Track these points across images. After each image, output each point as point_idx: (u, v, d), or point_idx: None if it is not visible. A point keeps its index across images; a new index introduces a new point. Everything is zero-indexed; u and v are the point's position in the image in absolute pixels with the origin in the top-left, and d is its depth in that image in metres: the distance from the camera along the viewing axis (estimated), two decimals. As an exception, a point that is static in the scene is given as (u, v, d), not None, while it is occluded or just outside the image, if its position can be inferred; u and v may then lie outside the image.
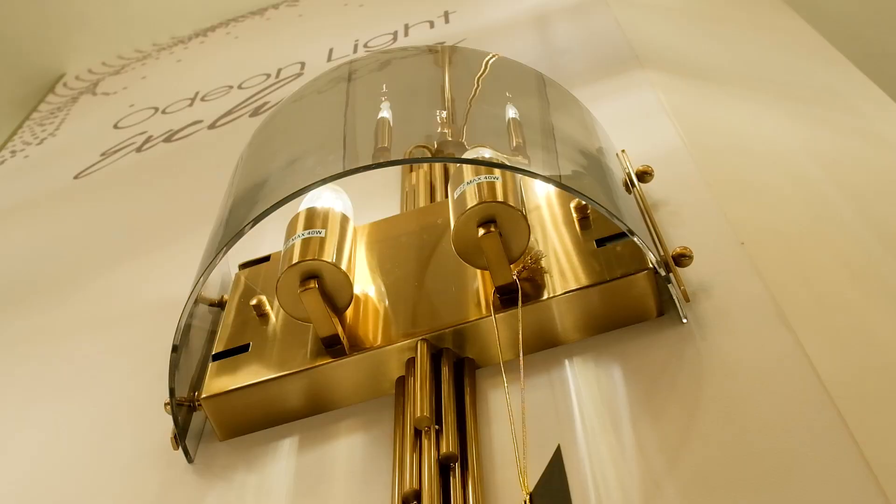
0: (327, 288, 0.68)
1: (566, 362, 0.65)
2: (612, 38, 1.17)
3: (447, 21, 1.46)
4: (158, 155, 1.32)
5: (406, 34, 1.46)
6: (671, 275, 0.64)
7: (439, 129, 0.73)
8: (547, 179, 0.63)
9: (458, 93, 0.80)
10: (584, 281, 0.66)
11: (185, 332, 0.70)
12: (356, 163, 0.69)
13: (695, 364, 0.61)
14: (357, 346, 0.68)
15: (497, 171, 0.70)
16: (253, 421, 0.69)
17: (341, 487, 0.62)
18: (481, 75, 0.86)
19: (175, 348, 0.67)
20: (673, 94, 0.99)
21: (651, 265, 0.65)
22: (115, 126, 1.51)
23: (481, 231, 0.66)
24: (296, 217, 0.74)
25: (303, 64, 1.48)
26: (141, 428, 0.74)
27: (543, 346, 0.67)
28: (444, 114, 0.76)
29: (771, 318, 0.62)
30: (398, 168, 0.98)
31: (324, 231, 0.71)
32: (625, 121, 0.92)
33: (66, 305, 0.98)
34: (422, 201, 0.87)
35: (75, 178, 1.34)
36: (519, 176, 0.71)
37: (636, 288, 0.65)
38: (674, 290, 0.64)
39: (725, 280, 0.67)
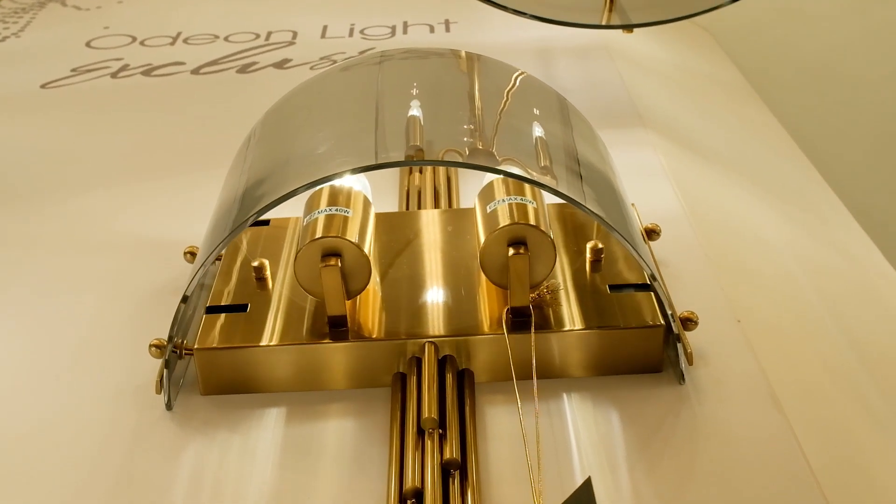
0: (346, 268, 0.68)
1: (564, 396, 0.67)
2: (614, 91, 1.20)
3: (447, 30, 1.47)
4: (136, 86, 1.29)
5: (405, 31, 1.46)
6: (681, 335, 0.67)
7: (468, 137, 0.74)
8: (589, 212, 0.65)
9: (486, 102, 0.81)
10: (596, 322, 0.68)
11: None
12: (387, 156, 0.69)
13: (690, 426, 0.63)
14: (360, 332, 0.68)
15: (529, 194, 0.72)
16: (239, 382, 0.68)
17: (330, 465, 0.62)
18: (510, 89, 0.87)
19: (185, 299, 0.66)
20: (673, 161, 1.02)
21: (663, 322, 0.67)
22: (88, 45, 1.46)
23: (511, 251, 0.67)
24: (318, 192, 0.74)
25: (294, 33, 1.47)
26: (113, 365, 0.72)
27: (541, 374, 0.68)
28: (474, 122, 0.77)
29: (765, 398, 0.65)
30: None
31: (351, 211, 0.71)
32: (626, 175, 0.94)
33: (38, 219, 0.95)
34: (428, 204, 0.88)
35: (42, 87, 1.30)
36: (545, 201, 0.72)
37: (646, 340, 0.68)
38: (681, 350, 0.66)
39: (722, 352, 0.70)
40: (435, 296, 0.73)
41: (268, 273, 0.75)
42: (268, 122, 0.82)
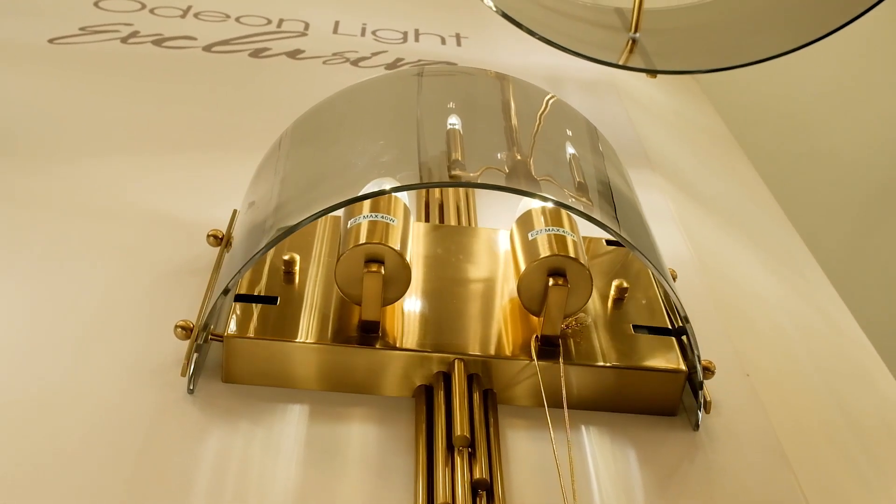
0: (387, 276, 0.68)
1: (582, 428, 0.68)
2: (622, 130, 1.23)
3: (459, 44, 1.48)
4: (147, 55, 1.27)
5: (417, 39, 1.47)
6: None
7: (505, 156, 0.75)
8: (640, 255, 0.66)
9: (521, 123, 0.83)
10: (620, 361, 0.70)
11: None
12: (429, 173, 0.71)
13: (705, 474, 0.65)
14: (388, 340, 0.69)
15: (567, 226, 0.73)
16: (265, 374, 0.68)
17: (355, 470, 0.62)
18: (542, 112, 0.88)
19: (226, 291, 0.66)
20: (679, 206, 1.05)
21: (685, 367, 0.69)
22: (96, 5, 1.44)
23: (552, 281, 0.68)
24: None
25: (307, 24, 1.46)
26: (128, 341, 0.72)
27: (558, 403, 0.69)
28: (513, 144, 0.78)
29: (776, 455, 0.68)
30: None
31: (396, 220, 0.71)
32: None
33: (47, 178, 0.93)
34: (452, 219, 0.89)
35: (50, 41, 1.27)
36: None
37: (666, 384, 0.69)
38: (701, 398, 0.68)
39: (734, 404, 0.72)
40: (461, 312, 0.73)
41: (296, 269, 0.75)
42: (303, 130, 0.82)
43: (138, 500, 0.58)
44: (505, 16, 1.15)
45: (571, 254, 0.70)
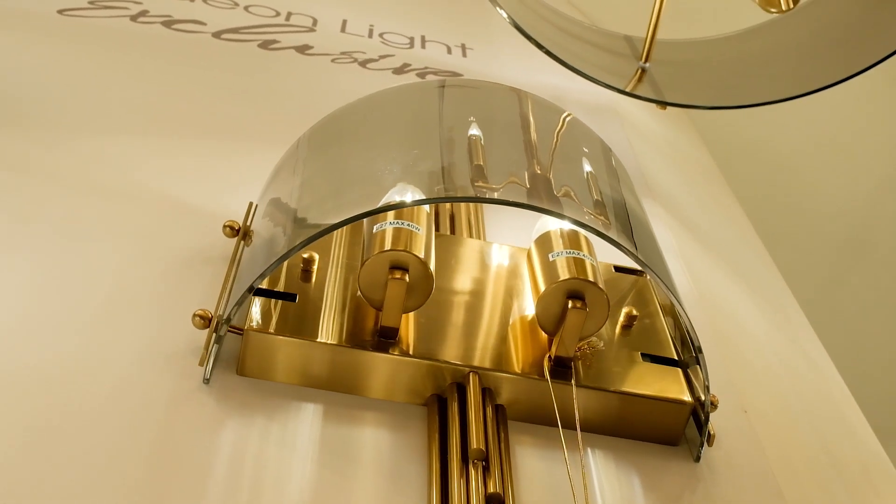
0: (410, 283, 0.69)
1: (589, 451, 0.69)
2: (623, 157, 1.23)
3: (464, 55, 1.49)
4: (157, 35, 1.27)
5: (423, 46, 1.47)
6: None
7: (526, 171, 0.75)
8: (661, 282, 0.67)
9: (540, 139, 0.84)
10: (628, 387, 0.71)
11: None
12: (453, 185, 0.72)
13: (706, 505, 0.67)
14: (404, 347, 0.70)
15: (585, 249, 0.74)
16: (281, 370, 0.68)
17: (369, 474, 0.63)
18: (559, 130, 0.89)
19: (251, 289, 0.66)
20: (679, 238, 1.07)
21: (691, 399, 0.71)
22: (105, -21, 1.42)
23: (571, 304, 0.70)
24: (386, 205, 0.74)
25: (315, 20, 1.47)
26: (140, 326, 0.71)
27: (564, 424, 0.71)
28: (533, 160, 0.79)
29: (773, 492, 0.69)
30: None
31: (421, 229, 0.72)
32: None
33: (59, 152, 0.93)
34: (463, 229, 0.90)
35: (59, 12, 1.26)
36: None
37: (673, 414, 0.71)
38: (705, 430, 0.70)
39: (732, 439, 0.74)
40: (473, 325, 0.74)
41: (314, 267, 0.76)
42: (325, 133, 0.83)
43: (155, 484, 0.58)
44: (518, 28, 1.16)
45: (591, 278, 0.71)
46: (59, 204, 0.85)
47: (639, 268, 0.86)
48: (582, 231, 0.76)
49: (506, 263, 0.83)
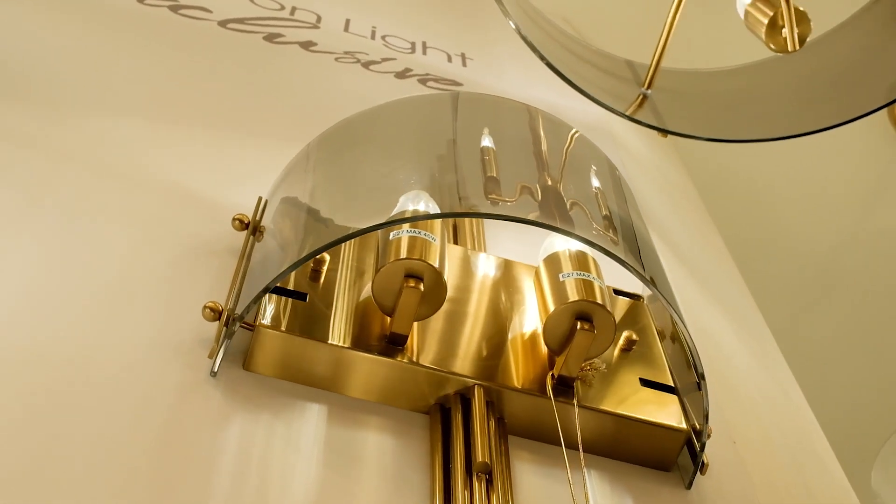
0: (424, 292, 0.69)
1: (584, 471, 0.70)
2: (619, 179, 1.26)
3: (464, 64, 1.49)
4: (163, 19, 1.26)
5: (424, 52, 1.48)
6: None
7: (538, 186, 0.76)
8: (665, 303, 0.69)
9: (551, 155, 0.85)
10: (628, 411, 0.72)
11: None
12: (466, 194, 0.73)
13: (696, 532, 0.68)
14: (411, 355, 0.70)
15: (594, 271, 0.75)
16: (288, 368, 0.69)
17: (372, 478, 0.63)
18: (568, 147, 0.90)
19: (267, 289, 0.66)
20: (671, 267, 1.08)
21: (686, 426, 0.72)
22: (110, -44, 1.41)
23: (579, 325, 0.71)
24: (401, 213, 0.75)
25: (319, 17, 1.46)
26: (146, 315, 0.71)
27: (558, 442, 0.71)
28: (545, 175, 0.80)
29: (760, 524, 0.71)
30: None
31: (437, 239, 0.72)
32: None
33: (65, 130, 0.92)
34: (468, 244, 0.90)
35: (65, -13, 1.25)
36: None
37: (669, 440, 0.72)
38: (699, 458, 0.71)
39: (722, 469, 0.75)
40: (477, 337, 0.75)
41: (324, 268, 0.76)
42: (336, 140, 0.83)
43: (161, 473, 0.58)
44: (528, 43, 1.16)
45: (599, 300, 0.72)
46: (66, 183, 0.84)
47: (635, 292, 0.88)
48: (590, 252, 0.77)
49: (508, 277, 0.84)
